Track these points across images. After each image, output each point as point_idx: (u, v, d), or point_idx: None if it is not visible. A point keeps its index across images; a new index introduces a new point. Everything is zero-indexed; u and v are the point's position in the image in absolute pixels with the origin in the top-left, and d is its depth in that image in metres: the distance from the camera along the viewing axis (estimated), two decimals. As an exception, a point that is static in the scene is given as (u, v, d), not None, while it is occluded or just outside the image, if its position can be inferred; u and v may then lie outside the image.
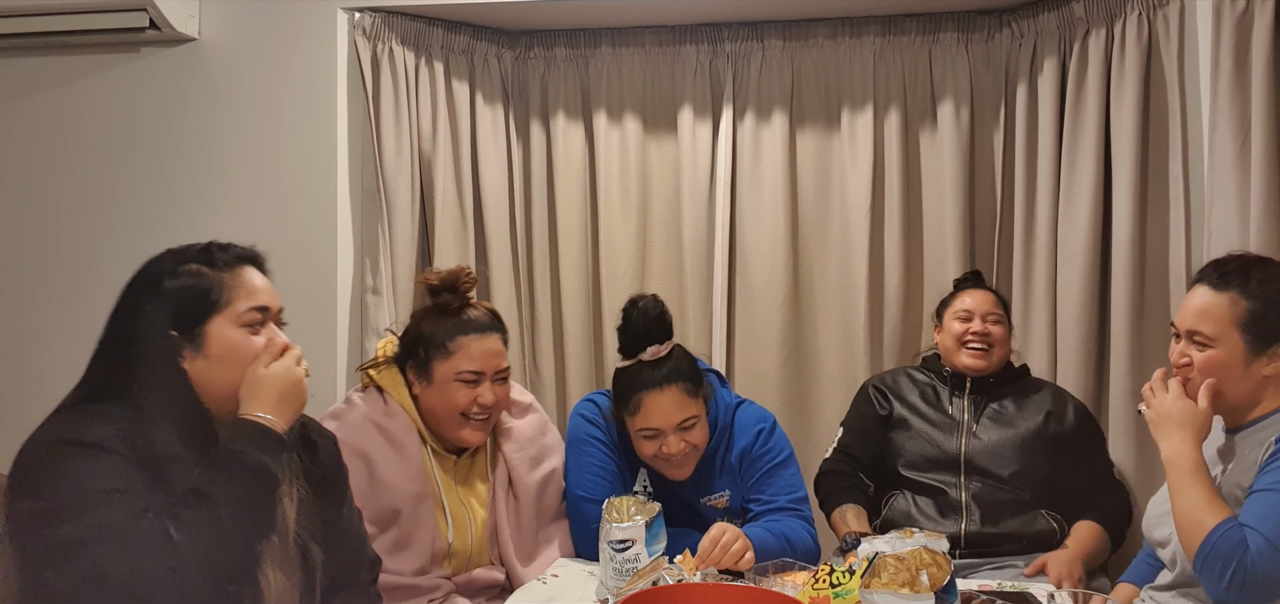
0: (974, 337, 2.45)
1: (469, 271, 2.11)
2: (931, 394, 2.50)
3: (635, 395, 2.08)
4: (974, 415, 2.44)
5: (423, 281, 2.14)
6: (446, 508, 2.03)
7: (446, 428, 2.05)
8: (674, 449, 2.08)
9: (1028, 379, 2.54)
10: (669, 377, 2.07)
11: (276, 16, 2.91)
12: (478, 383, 2.02)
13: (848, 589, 1.61)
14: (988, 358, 2.45)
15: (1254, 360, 1.72)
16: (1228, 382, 1.73)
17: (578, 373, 3.15)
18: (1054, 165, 2.78)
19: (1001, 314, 2.52)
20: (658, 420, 2.07)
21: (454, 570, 2.04)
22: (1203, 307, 1.75)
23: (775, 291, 3.03)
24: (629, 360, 2.12)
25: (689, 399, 2.08)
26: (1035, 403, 2.44)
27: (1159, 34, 2.56)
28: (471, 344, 2.03)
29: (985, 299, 2.52)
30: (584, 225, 3.15)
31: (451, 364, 2.01)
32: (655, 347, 2.09)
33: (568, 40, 3.12)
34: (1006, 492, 2.33)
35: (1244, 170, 2.22)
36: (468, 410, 2.02)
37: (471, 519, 2.07)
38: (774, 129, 3.03)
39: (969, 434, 2.40)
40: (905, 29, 2.99)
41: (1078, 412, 2.45)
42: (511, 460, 2.13)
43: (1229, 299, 1.73)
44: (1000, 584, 1.91)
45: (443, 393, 2.02)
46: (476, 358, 2.02)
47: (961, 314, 2.50)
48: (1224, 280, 1.75)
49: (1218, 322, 1.73)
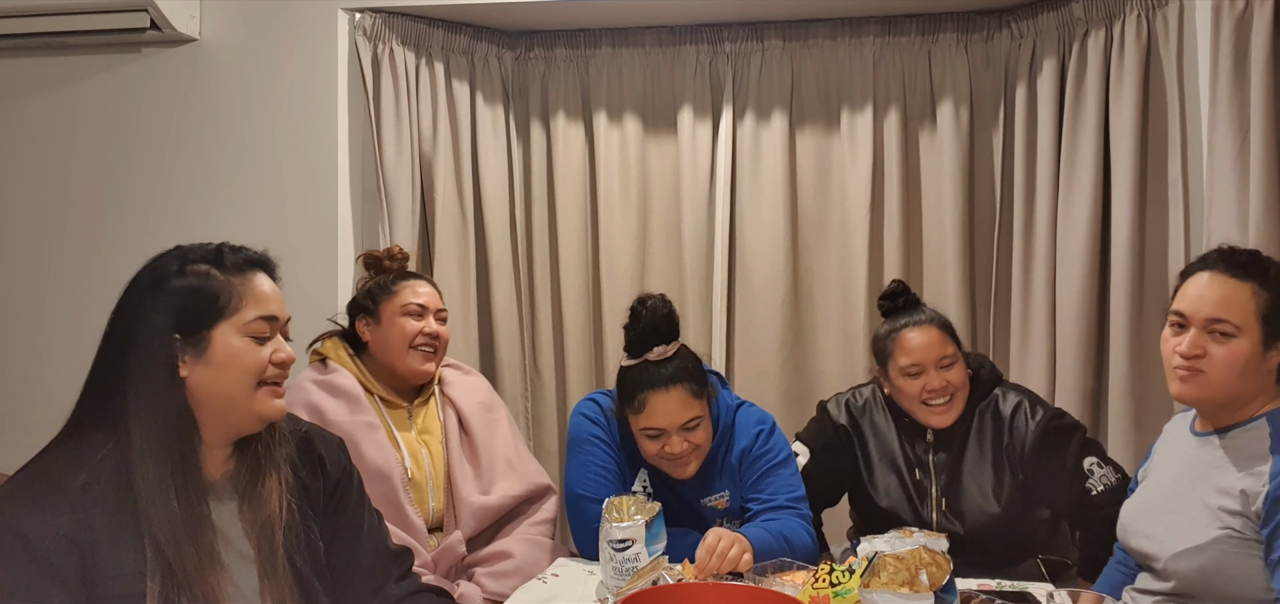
0: (931, 395, 2.16)
1: (402, 249, 2.38)
2: (899, 446, 2.25)
3: (640, 395, 2.08)
4: (941, 479, 2.20)
5: (363, 257, 2.38)
6: (401, 444, 2.20)
7: (398, 358, 2.25)
8: (677, 449, 2.08)
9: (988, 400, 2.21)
10: (674, 377, 2.07)
11: (277, 17, 2.92)
12: (423, 315, 2.27)
13: (847, 589, 1.61)
14: (951, 412, 2.17)
15: (1265, 354, 1.66)
16: (1242, 376, 1.65)
17: (578, 373, 3.15)
18: (1053, 165, 2.78)
19: (951, 344, 2.18)
20: (662, 420, 2.07)
21: (423, 514, 2.16)
22: (1226, 295, 1.65)
23: (775, 292, 3.03)
24: (635, 359, 2.12)
25: (693, 400, 2.09)
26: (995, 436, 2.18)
27: (1158, 34, 2.56)
28: (415, 285, 2.31)
29: (931, 340, 2.15)
30: (584, 225, 3.15)
31: (397, 301, 2.27)
32: (662, 347, 2.10)
33: (568, 40, 3.12)
34: (991, 559, 2.08)
35: (1243, 170, 2.23)
36: (415, 340, 2.25)
37: (429, 454, 2.24)
38: (774, 129, 3.03)
39: (938, 509, 2.19)
40: (905, 29, 2.99)
41: (1035, 429, 2.14)
42: (460, 403, 2.32)
43: (1251, 289, 1.65)
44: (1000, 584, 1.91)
45: (392, 326, 2.25)
46: (421, 294, 2.29)
47: (910, 370, 2.16)
48: (1243, 270, 1.67)
49: (1243, 310, 1.64)
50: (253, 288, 1.42)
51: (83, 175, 3.01)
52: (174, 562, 1.31)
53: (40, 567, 1.25)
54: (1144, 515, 1.81)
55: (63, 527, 1.27)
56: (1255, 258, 1.70)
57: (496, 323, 3.09)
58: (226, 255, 1.43)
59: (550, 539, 2.26)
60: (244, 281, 1.42)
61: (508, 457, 2.29)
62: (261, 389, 1.42)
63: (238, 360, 1.39)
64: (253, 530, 1.42)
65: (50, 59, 3.02)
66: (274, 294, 1.45)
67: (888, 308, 2.28)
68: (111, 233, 2.97)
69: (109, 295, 1.46)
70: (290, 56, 2.92)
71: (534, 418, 3.18)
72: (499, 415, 2.37)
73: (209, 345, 1.38)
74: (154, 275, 1.41)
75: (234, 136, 2.95)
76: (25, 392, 3.00)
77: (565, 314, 3.15)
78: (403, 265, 2.36)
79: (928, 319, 2.21)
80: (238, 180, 2.94)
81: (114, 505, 1.30)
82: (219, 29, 2.95)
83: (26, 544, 1.25)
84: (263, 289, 1.43)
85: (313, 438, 1.57)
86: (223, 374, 1.38)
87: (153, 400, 1.35)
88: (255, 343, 1.41)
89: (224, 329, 1.39)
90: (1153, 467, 1.89)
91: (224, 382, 1.39)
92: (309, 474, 1.52)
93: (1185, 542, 1.66)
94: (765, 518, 2.12)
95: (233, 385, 1.39)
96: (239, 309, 1.40)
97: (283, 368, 1.44)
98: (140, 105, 2.98)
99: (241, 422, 1.43)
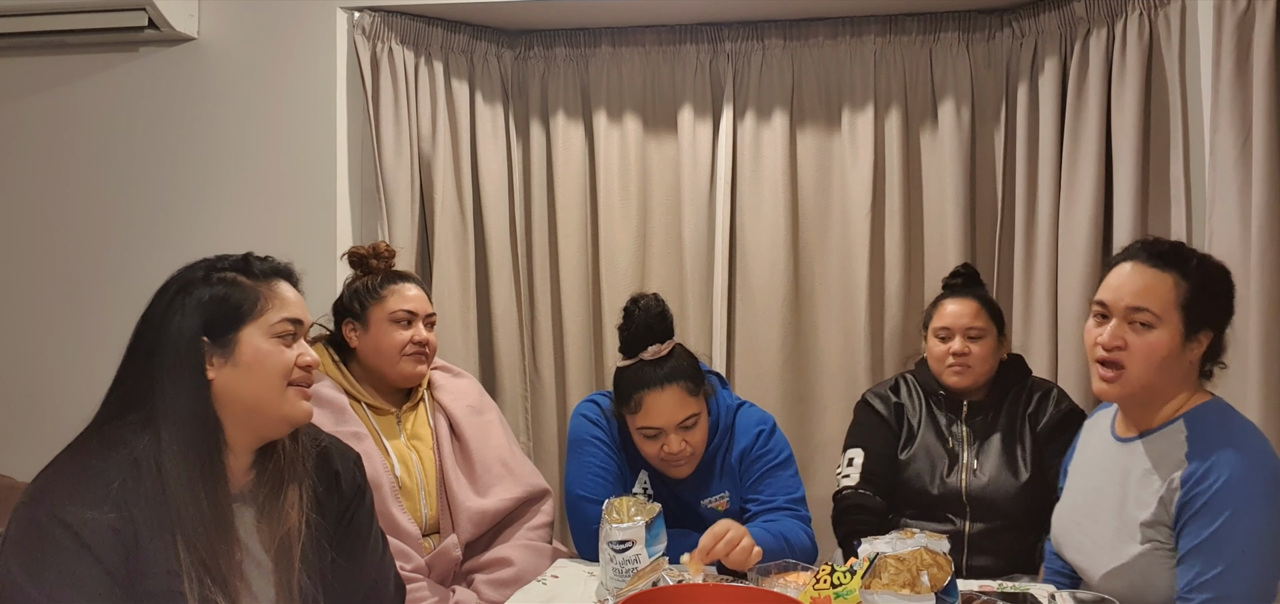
0: (953, 358, 2.34)
1: (389, 245, 2.33)
2: (930, 417, 2.40)
3: (636, 394, 2.08)
4: (973, 446, 2.34)
5: (348, 255, 2.32)
6: (390, 450, 2.16)
7: (388, 364, 2.20)
8: (675, 448, 2.08)
9: (1021, 386, 2.39)
10: (670, 375, 2.07)
11: (276, 16, 2.91)
12: (412, 322, 2.22)
13: (849, 590, 1.61)
14: (967, 377, 2.35)
15: (1184, 347, 1.66)
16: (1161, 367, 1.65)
17: (578, 373, 3.15)
18: (1055, 165, 2.77)
19: (986, 323, 2.36)
20: (659, 419, 2.07)
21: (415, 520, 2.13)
22: (1146, 284, 1.65)
23: (775, 292, 3.03)
24: (630, 359, 2.11)
25: (690, 398, 2.08)
26: (1024, 408, 2.35)
27: (1160, 33, 2.55)
28: (403, 289, 2.24)
29: (966, 310, 2.36)
30: (584, 225, 3.15)
31: (385, 307, 2.21)
32: (656, 345, 2.09)
33: (568, 40, 3.12)
34: (1013, 536, 2.26)
35: (1245, 170, 2.22)
36: (404, 347, 2.20)
37: (420, 460, 2.19)
38: (774, 129, 3.03)
39: (969, 471, 2.31)
40: (906, 28, 2.99)
41: (1061, 410, 2.33)
42: (451, 408, 2.28)
43: (1172, 279, 1.65)
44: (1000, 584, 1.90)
45: (380, 333, 2.20)
46: (409, 300, 2.23)
47: (940, 332, 2.38)
48: (1162, 260, 1.67)
49: (1163, 301, 1.64)
50: (278, 293, 1.46)
51: (80, 175, 3.00)
52: (207, 561, 1.34)
53: (89, 554, 1.28)
54: (1071, 526, 1.83)
55: (108, 519, 1.30)
56: (1177, 249, 1.71)
57: (496, 323, 3.08)
58: (253, 263, 1.48)
59: (548, 543, 2.24)
60: (269, 287, 1.46)
61: (503, 459, 2.27)
62: (290, 389, 1.45)
63: (265, 361, 1.42)
64: (270, 544, 1.44)
65: (48, 58, 3.01)
66: (298, 300, 1.50)
67: (947, 284, 2.50)
68: (110, 232, 2.96)
69: (108, 295, 1.46)
70: (289, 56, 2.91)
71: (534, 418, 3.18)
72: (491, 417, 2.34)
73: (237, 347, 1.41)
74: (182, 282, 1.44)
75: (232, 136, 2.94)
76: (23, 391, 2.99)
77: (565, 314, 3.15)
78: (390, 263, 2.30)
79: (972, 295, 2.40)
80: (236, 180, 2.93)
81: (150, 503, 1.33)
82: (217, 28, 2.94)
83: (75, 533, 1.28)
84: (287, 294, 1.48)
85: (331, 453, 1.59)
86: (251, 375, 1.42)
87: (180, 402, 1.38)
88: (282, 344, 1.44)
89: (251, 331, 1.42)
90: (1076, 469, 1.91)
91: (252, 383, 1.42)
92: (325, 490, 1.55)
93: (1111, 561, 1.68)
94: (765, 519, 2.12)
95: (261, 386, 1.42)
96: (265, 312, 1.44)
97: (308, 371, 1.47)
98: (138, 105, 2.97)
99: (269, 425, 1.46)
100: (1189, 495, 1.58)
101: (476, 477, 2.22)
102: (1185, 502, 1.58)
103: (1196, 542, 1.56)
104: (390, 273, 2.27)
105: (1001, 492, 2.28)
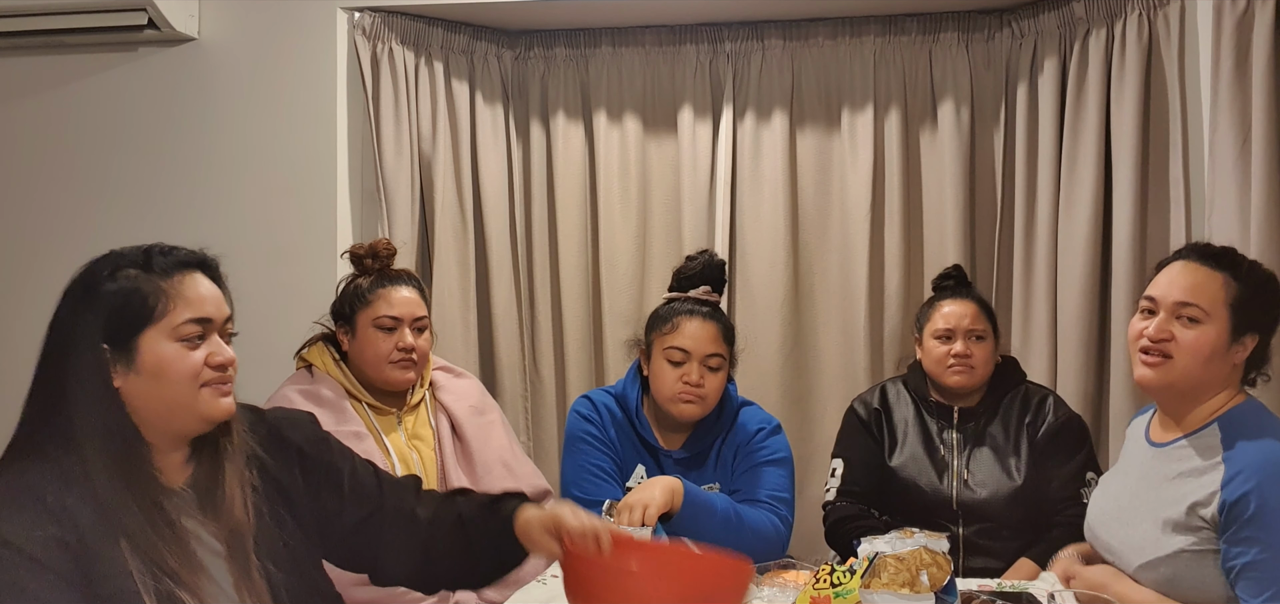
0: (955, 359, 2.30)
1: (388, 242, 2.30)
2: (920, 423, 2.37)
3: (676, 317, 2.20)
4: (964, 454, 2.31)
5: (349, 253, 2.31)
6: (391, 449, 2.16)
7: (374, 371, 2.20)
8: (695, 377, 2.15)
9: (1016, 390, 2.37)
10: (712, 314, 2.22)
11: (276, 16, 2.91)
12: (396, 329, 2.19)
13: (848, 589, 1.61)
14: (971, 378, 2.32)
15: (1230, 347, 1.67)
16: (1207, 363, 1.67)
17: (578, 372, 3.15)
18: (1054, 165, 2.78)
19: (986, 324, 2.35)
20: (689, 342, 2.16)
21: None
22: (1197, 281, 1.67)
23: (775, 292, 3.03)
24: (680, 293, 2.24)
25: (722, 341, 2.20)
26: (1020, 414, 2.33)
27: (1159, 34, 2.55)
28: (390, 293, 2.22)
29: (966, 311, 2.33)
30: (584, 225, 3.15)
31: (371, 312, 2.19)
32: (708, 288, 2.23)
33: (568, 40, 3.12)
34: (1006, 539, 2.25)
35: (1244, 170, 2.22)
36: (390, 355, 2.19)
37: (421, 460, 2.20)
38: (774, 129, 3.03)
39: (960, 481, 2.29)
40: (905, 29, 2.99)
41: (1060, 418, 2.31)
42: (452, 408, 2.28)
43: (1223, 278, 1.67)
44: (1000, 584, 1.91)
45: (366, 339, 2.19)
46: (395, 305, 2.20)
47: (940, 333, 2.33)
48: (1214, 260, 1.70)
49: (1212, 298, 1.66)
50: (183, 290, 1.35)
51: (80, 175, 3.00)
52: (157, 560, 1.28)
53: (35, 566, 1.21)
54: (1102, 527, 1.84)
55: (50, 533, 1.24)
56: (1228, 251, 1.73)
57: (496, 323, 3.08)
58: (155, 257, 1.37)
59: None
60: (174, 284, 1.35)
61: (505, 459, 2.27)
62: (205, 390, 1.35)
63: (169, 368, 1.32)
64: (221, 534, 1.38)
65: (47, 58, 3.00)
66: (210, 295, 1.38)
67: (939, 285, 2.47)
68: (110, 233, 2.91)
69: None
70: (289, 56, 2.91)
71: (533, 418, 3.18)
72: (492, 418, 2.34)
73: (137, 354, 1.32)
74: (85, 282, 1.35)
75: (232, 136, 2.94)
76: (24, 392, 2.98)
77: (565, 314, 3.15)
78: (387, 262, 2.28)
79: (969, 296, 2.39)
80: (236, 180, 2.93)
81: (88, 511, 1.27)
82: (217, 28, 2.94)
83: (18, 549, 1.21)
84: (195, 290, 1.36)
85: (282, 428, 1.51)
86: (157, 383, 1.32)
87: (93, 415, 1.30)
88: (186, 347, 1.34)
89: (152, 335, 1.32)
90: (1111, 474, 1.93)
91: (160, 390, 1.33)
92: (281, 466, 1.47)
93: (1140, 558, 1.69)
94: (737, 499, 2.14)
95: (170, 393, 1.33)
96: (167, 313, 1.33)
97: (222, 369, 1.37)
98: (138, 105, 2.97)
99: (190, 425, 1.37)
100: (1233, 497, 1.57)
101: (478, 477, 2.22)
102: (1227, 503, 1.58)
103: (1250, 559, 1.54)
104: (383, 274, 2.26)
105: (993, 499, 2.26)
